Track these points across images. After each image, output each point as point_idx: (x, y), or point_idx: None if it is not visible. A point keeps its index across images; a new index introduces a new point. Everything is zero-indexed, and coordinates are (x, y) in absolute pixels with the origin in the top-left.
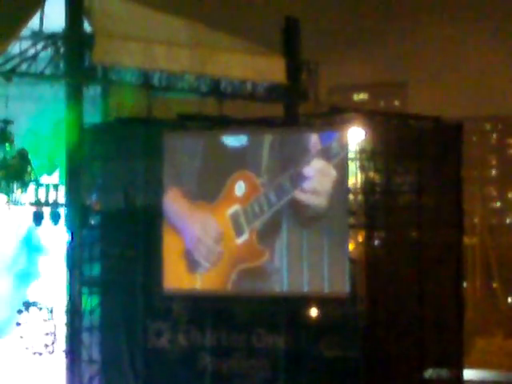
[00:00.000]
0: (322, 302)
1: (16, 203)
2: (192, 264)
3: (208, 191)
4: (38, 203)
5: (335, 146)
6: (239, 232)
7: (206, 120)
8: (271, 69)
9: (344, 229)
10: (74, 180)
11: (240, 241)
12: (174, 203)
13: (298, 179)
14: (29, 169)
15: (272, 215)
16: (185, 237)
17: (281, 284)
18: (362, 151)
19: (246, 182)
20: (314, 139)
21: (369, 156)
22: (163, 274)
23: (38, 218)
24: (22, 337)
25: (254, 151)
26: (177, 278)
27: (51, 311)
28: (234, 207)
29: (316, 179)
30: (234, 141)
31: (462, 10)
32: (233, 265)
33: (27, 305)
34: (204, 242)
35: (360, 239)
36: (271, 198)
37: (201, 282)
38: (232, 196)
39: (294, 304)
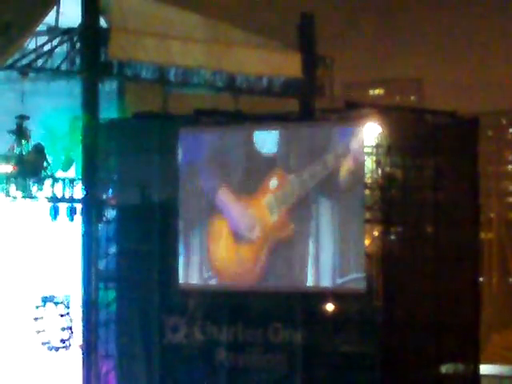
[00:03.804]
0: (338, 297)
1: (32, 198)
2: (237, 238)
3: (249, 186)
4: (54, 198)
5: (351, 142)
6: (272, 213)
7: (222, 115)
8: (287, 64)
9: (360, 224)
10: (90, 175)
11: (272, 219)
12: (222, 195)
13: (315, 173)
14: (45, 164)
15: (295, 201)
16: (231, 220)
17: (297, 279)
18: (378, 146)
19: (278, 179)
20: (330, 134)
21: (385, 151)
22: (180, 270)
23: (54, 213)
24: (38, 331)
25: (282, 152)
26: (223, 252)
27: (68, 306)
28: (269, 196)
29: (333, 173)
30: (264, 145)
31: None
32: (266, 238)
33: (44, 300)
34: (247, 223)
35: (376, 234)
36: (296, 188)
37: (244, 253)
38: (267, 189)
39: (311, 299)
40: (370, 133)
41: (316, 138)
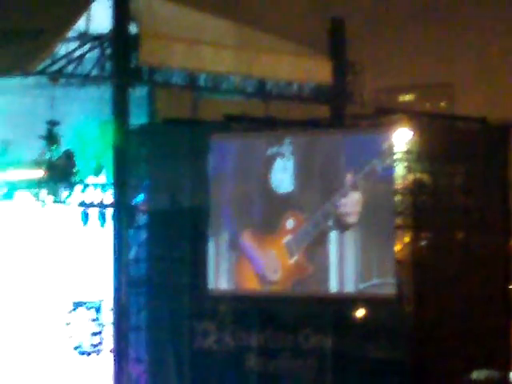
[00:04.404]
0: (368, 303)
1: (63, 204)
2: (261, 279)
3: (267, 227)
4: (84, 204)
5: (381, 148)
6: (291, 255)
7: (252, 121)
8: (317, 70)
9: (390, 230)
10: (120, 181)
11: (292, 261)
12: (245, 238)
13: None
14: (75, 170)
15: (316, 236)
16: (254, 260)
17: (327, 285)
18: (408, 152)
19: (294, 219)
20: (360, 140)
21: (415, 157)
22: (210, 275)
23: (85, 218)
24: (70, 336)
25: (298, 195)
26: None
27: (99, 311)
28: (287, 237)
29: (364, 182)
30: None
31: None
32: (288, 280)
33: (76, 305)
34: (268, 265)
35: (406, 240)
36: (314, 226)
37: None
38: (285, 230)
39: (341, 305)
40: (401, 138)
41: (347, 144)
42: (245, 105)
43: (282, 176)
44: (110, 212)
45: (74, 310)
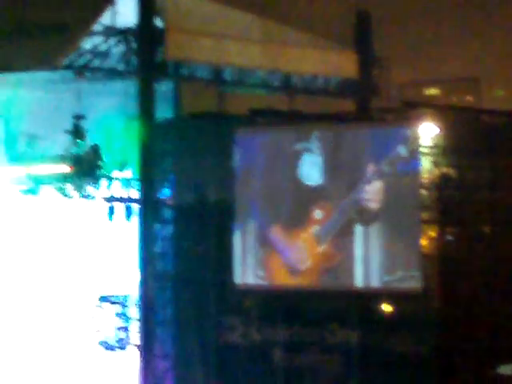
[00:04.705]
0: (394, 297)
1: (89, 198)
2: (289, 270)
3: (295, 218)
4: (110, 198)
5: (408, 141)
6: (319, 245)
7: (278, 115)
8: (342, 64)
9: (417, 224)
10: (146, 175)
11: (320, 251)
12: (273, 231)
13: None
14: (101, 164)
15: (343, 226)
16: (281, 252)
17: (353, 277)
18: (434, 146)
19: (322, 210)
20: (386, 134)
21: (442, 151)
22: (236, 270)
23: (110, 213)
24: (96, 331)
25: (325, 187)
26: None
27: (125, 306)
28: (315, 228)
29: (389, 176)
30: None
31: None
32: (316, 270)
33: (102, 299)
34: (296, 255)
35: (433, 234)
36: (341, 215)
37: (304, 276)
38: (312, 221)
39: (367, 299)
40: (427, 132)
41: (373, 138)
42: (270, 99)
43: (309, 169)
44: (135, 206)
45: (100, 304)
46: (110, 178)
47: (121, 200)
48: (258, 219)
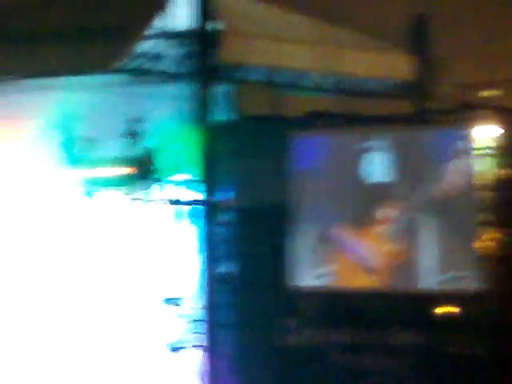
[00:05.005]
0: (452, 299)
1: (147, 201)
2: (354, 270)
3: (357, 218)
4: (168, 201)
5: (465, 143)
6: (384, 244)
7: (335, 117)
8: (398, 65)
9: (473, 226)
10: (204, 178)
11: (385, 250)
12: (336, 231)
13: (428, 183)
14: (158, 167)
15: (407, 225)
16: (345, 252)
17: (417, 277)
18: (492, 148)
19: (385, 209)
20: (443, 136)
21: (500, 152)
22: (296, 272)
23: (171, 215)
24: (159, 333)
25: (386, 187)
26: (350, 278)
27: (187, 308)
28: (382, 227)
29: (447, 178)
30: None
31: None
32: (381, 268)
33: (165, 301)
34: (361, 255)
35: (491, 236)
36: (406, 215)
37: (366, 278)
38: (379, 220)
39: (427, 301)
40: (486, 134)
41: (430, 139)
42: (325, 101)
43: (371, 168)
44: (195, 209)
45: (164, 306)
46: (168, 181)
47: (180, 203)
48: (319, 220)
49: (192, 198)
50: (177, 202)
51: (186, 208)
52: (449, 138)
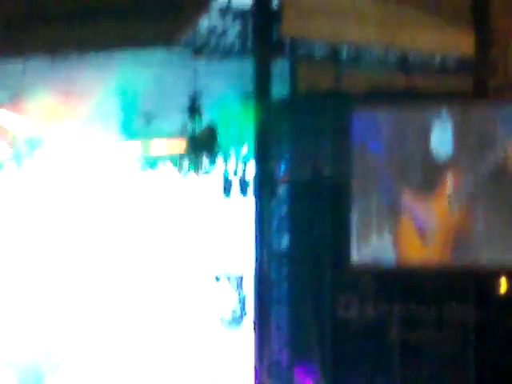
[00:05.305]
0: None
1: (204, 176)
2: (422, 239)
3: (425, 186)
4: (226, 176)
5: None
6: (449, 213)
7: (396, 94)
8: (459, 41)
9: None
10: (262, 153)
11: (451, 218)
12: (405, 197)
13: (490, 157)
14: (217, 140)
15: (472, 195)
16: (416, 220)
17: (477, 254)
18: None
19: (452, 175)
20: (505, 111)
21: None
22: (352, 247)
23: (226, 189)
24: (212, 308)
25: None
26: (411, 251)
27: (241, 283)
28: (446, 194)
29: (509, 151)
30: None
31: None
32: (447, 238)
33: (218, 277)
34: (429, 223)
35: None
36: (470, 183)
37: (427, 252)
38: (444, 187)
39: (485, 277)
40: None
41: (493, 115)
42: (387, 77)
43: (430, 142)
44: (251, 184)
45: (217, 281)
46: (226, 156)
47: (237, 177)
48: (379, 193)
49: (249, 173)
50: (233, 177)
51: (242, 183)
52: (510, 112)
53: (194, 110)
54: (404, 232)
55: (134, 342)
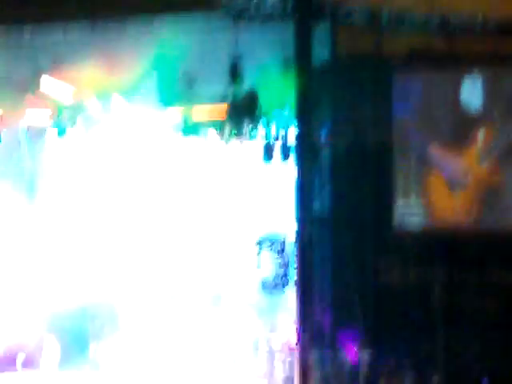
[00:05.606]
0: None
1: (246, 140)
2: (452, 188)
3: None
4: (267, 140)
5: None
6: (481, 163)
7: (436, 56)
8: (503, 3)
9: None
10: (303, 118)
11: (481, 171)
12: (437, 151)
13: None
14: (259, 106)
15: (505, 149)
16: (445, 172)
17: (502, 212)
18: None
19: (485, 130)
20: None
21: None
22: (394, 210)
23: (268, 154)
24: (254, 271)
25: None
26: (442, 205)
27: (283, 246)
28: (478, 148)
29: None
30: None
31: None
32: (477, 188)
33: (261, 240)
34: (459, 174)
35: None
36: (504, 138)
37: (458, 202)
38: (476, 141)
39: None
40: None
41: None
42: (427, 40)
43: (470, 97)
44: (292, 149)
45: (259, 245)
46: (268, 121)
47: (278, 142)
48: (418, 156)
49: (290, 138)
50: (274, 141)
51: (283, 147)
52: None
53: (235, 75)
54: (439, 192)
55: (174, 309)
